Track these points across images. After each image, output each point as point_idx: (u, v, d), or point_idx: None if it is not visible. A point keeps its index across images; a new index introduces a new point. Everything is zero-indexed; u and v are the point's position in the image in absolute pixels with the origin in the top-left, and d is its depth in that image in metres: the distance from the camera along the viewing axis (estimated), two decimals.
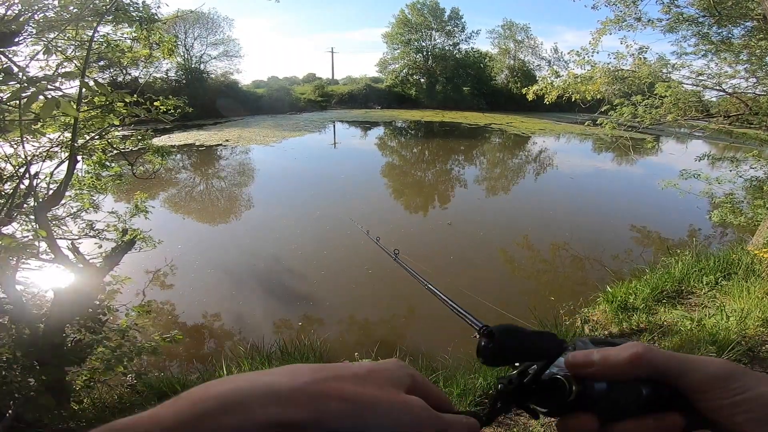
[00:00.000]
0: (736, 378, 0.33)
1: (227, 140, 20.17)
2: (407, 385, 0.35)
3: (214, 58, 33.49)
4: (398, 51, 42.91)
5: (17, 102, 1.87)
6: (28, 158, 2.77)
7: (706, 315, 4.13)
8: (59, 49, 2.85)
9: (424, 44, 42.57)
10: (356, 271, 6.78)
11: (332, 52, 52.20)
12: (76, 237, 3.81)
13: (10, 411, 2.49)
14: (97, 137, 3.32)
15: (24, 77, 1.49)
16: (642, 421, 0.35)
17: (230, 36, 34.15)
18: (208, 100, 28.50)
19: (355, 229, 8.74)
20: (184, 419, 0.27)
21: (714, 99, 7.53)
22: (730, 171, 7.00)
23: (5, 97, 2.43)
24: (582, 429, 0.35)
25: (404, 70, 43.29)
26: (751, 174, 6.86)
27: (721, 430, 0.33)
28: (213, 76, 33.41)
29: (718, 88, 6.46)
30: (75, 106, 2.12)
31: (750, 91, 6.53)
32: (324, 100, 38.70)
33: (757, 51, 6.09)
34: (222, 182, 13.53)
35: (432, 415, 0.34)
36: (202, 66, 32.77)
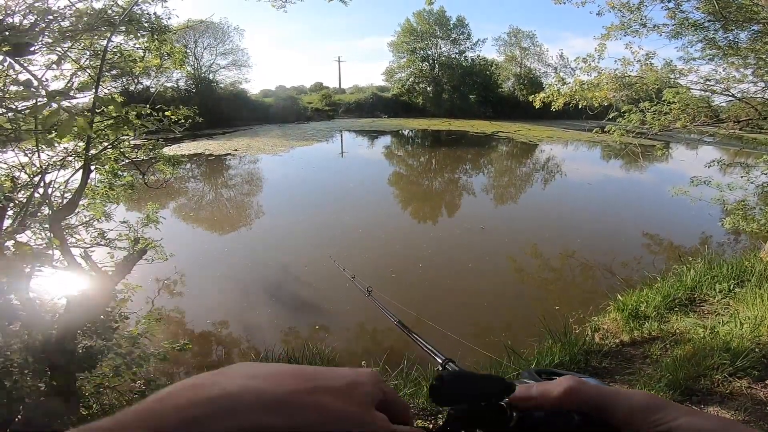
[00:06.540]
0: (656, 410, 0.35)
1: (236, 150, 20.35)
2: (379, 399, 0.38)
3: (224, 67, 33.77)
4: (404, 59, 43.04)
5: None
6: (43, 167, 2.83)
7: (719, 323, 4.07)
8: (73, 58, 2.91)
9: (430, 53, 42.69)
10: (368, 280, 6.77)
11: (339, 61, 52.55)
12: (89, 245, 3.86)
13: (20, 415, 2.51)
14: (110, 147, 3.38)
15: (42, 90, 1.53)
16: None
17: (239, 45, 34.40)
18: (218, 110, 28.70)
19: (364, 235, 8.78)
20: (170, 423, 0.27)
21: (723, 104, 7.45)
22: (741, 177, 6.90)
23: (20, 107, 2.49)
24: None
25: (410, 79, 43.37)
26: (763, 180, 6.75)
27: None
28: (222, 85, 33.69)
29: (726, 93, 6.39)
30: (90, 117, 2.16)
31: (759, 95, 6.46)
32: (331, 109, 38.92)
33: (764, 55, 6.03)
34: (231, 191, 13.64)
35: (389, 429, 0.37)
36: (211, 75, 33.08)
